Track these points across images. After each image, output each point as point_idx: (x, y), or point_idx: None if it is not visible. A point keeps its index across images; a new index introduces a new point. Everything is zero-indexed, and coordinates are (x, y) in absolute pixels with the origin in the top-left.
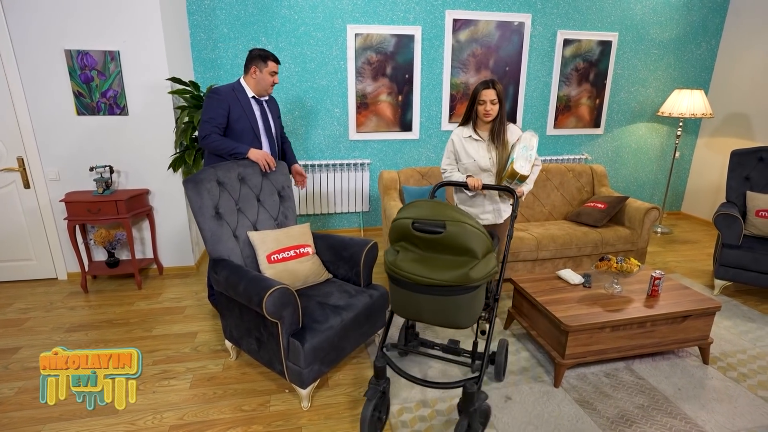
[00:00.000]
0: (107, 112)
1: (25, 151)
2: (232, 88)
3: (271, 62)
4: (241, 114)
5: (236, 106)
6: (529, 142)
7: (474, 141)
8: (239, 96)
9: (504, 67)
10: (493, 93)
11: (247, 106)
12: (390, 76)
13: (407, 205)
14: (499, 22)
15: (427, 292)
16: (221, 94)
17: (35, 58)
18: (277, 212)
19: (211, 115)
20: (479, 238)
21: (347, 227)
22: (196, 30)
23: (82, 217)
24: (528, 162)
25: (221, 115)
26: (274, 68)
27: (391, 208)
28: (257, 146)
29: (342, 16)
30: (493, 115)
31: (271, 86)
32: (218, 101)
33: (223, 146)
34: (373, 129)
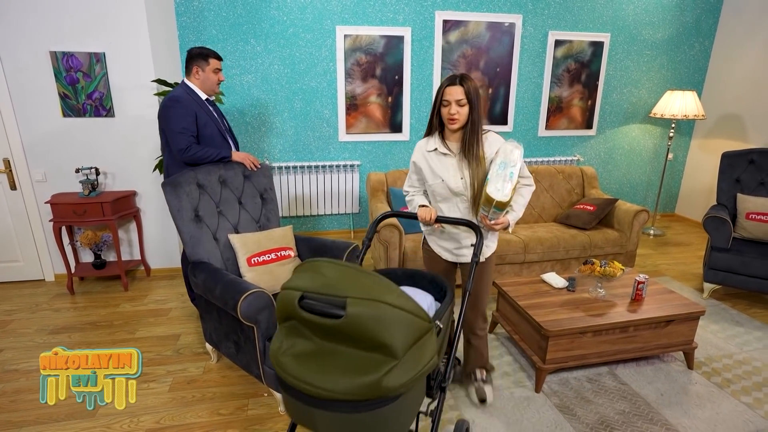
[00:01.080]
0: (93, 113)
1: (11, 152)
2: (186, 92)
3: (213, 59)
4: (206, 119)
5: (200, 111)
6: (509, 156)
7: (441, 156)
8: (197, 100)
9: (495, 68)
10: (459, 91)
11: (206, 110)
12: (380, 78)
13: (305, 264)
14: (489, 23)
15: (321, 406)
16: (183, 101)
17: (20, 59)
18: (259, 214)
19: (182, 125)
20: (402, 325)
21: (337, 229)
22: (184, 32)
23: (68, 219)
24: (507, 182)
25: (191, 123)
26: (217, 65)
27: (378, 210)
28: (229, 148)
29: (331, 17)
30: (461, 121)
31: (218, 84)
32: (185, 109)
33: (206, 155)
34: (362, 130)
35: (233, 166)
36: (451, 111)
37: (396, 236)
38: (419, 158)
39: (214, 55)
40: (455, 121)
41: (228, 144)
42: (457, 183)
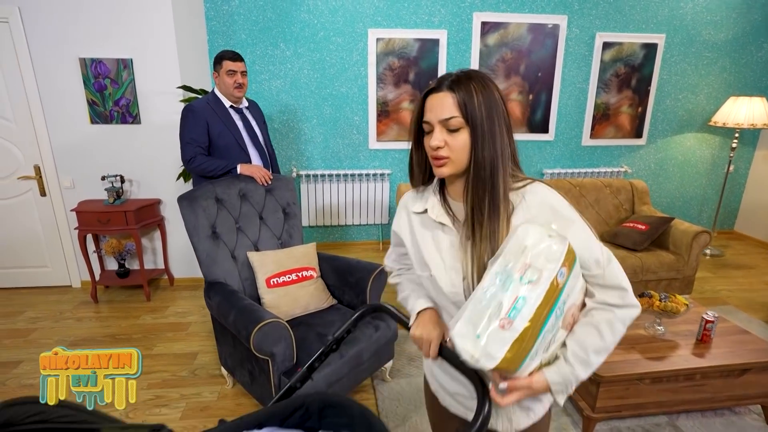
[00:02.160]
0: (120, 120)
1: (42, 159)
2: (206, 101)
3: (227, 61)
4: (222, 128)
5: (215, 120)
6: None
7: (434, 226)
8: (216, 108)
9: (536, 72)
10: (448, 103)
11: (226, 118)
12: (413, 83)
13: None
14: (531, 25)
15: None
16: (196, 110)
17: (51, 66)
18: (281, 231)
19: (191, 135)
20: None
21: (365, 239)
22: (214, 36)
23: (93, 227)
24: (497, 320)
25: (201, 133)
26: (230, 66)
27: None
28: (245, 160)
29: (363, 20)
30: (456, 163)
31: (236, 89)
32: (194, 119)
33: (211, 166)
34: (394, 138)
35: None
36: (433, 144)
37: None
38: (402, 224)
39: (229, 55)
40: (440, 160)
41: (246, 156)
42: (455, 283)
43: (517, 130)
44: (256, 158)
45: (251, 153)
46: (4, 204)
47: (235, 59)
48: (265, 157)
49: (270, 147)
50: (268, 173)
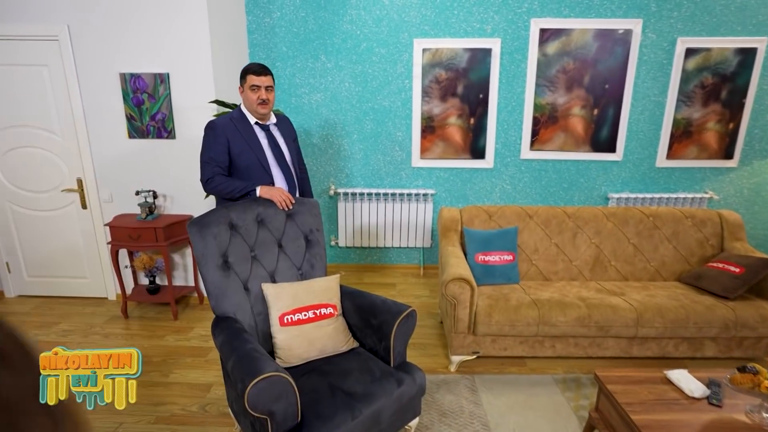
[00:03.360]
0: (155, 135)
1: (84, 172)
2: (230, 117)
3: (251, 75)
4: (243, 147)
5: (236, 138)
6: None
7: None
8: (239, 125)
9: (602, 84)
10: None
11: (249, 136)
12: (461, 96)
13: None
14: (598, 31)
15: None
16: (216, 127)
17: (95, 82)
18: (302, 260)
19: (210, 154)
20: None
21: (405, 263)
22: (255, 49)
23: (124, 242)
24: None
25: (221, 152)
26: (254, 81)
27: (449, 255)
28: (267, 181)
29: (408, 30)
30: None
31: (259, 105)
32: (214, 137)
33: (229, 188)
34: (439, 155)
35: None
36: None
37: (466, 292)
38: None
39: (254, 69)
40: None
41: (268, 177)
42: None
43: (578, 149)
44: (280, 180)
45: (275, 174)
46: (49, 215)
47: (260, 73)
48: (292, 178)
49: (300, 167)
50: (290, 197)
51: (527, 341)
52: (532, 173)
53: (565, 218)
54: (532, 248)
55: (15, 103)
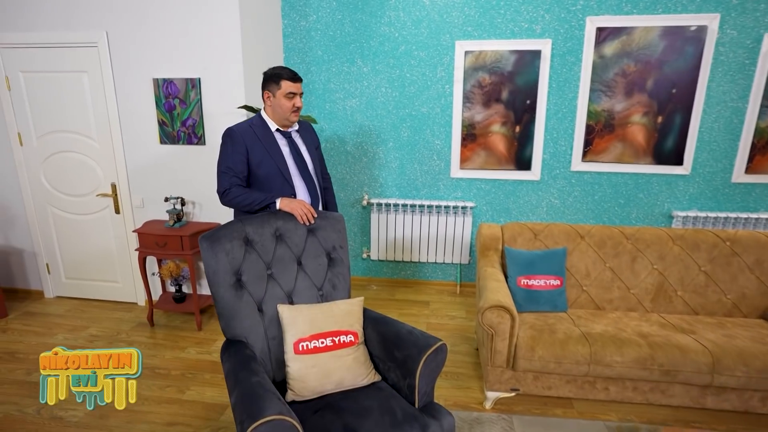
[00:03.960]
0: (186, 141)
1: (118, 177)
2: (249, 124)
3: (286, 81)
4: (263, 155)
5: (256, 146)
6: None
7: None
8: (258, 132)
9: (669, 89)
10: None
11: (270, 144)
12: (506, 102)
13: None
14: (665, 29)
15: None
16: (234, 134)
17: (130, 88)
18: (323, 280)
19: (227, 164)
20: None
21: (441, 279)
22: (290, 53)
23: (151, 250)
24: None
25: (239, 162)
26: (290, 88)
27: (487, 277)
28: (288, 193)
29: (450, 31)
30: None
31: (293, 113)
32: (232, 144)
33: (247, 200)
34: (480, 166)
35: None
36: None
37: (506, 322)
38: None
39: (289, 75)
40: None
41: (289, 188)
42: None
43: (638, 161)
44: (302, 191)
45: (297, 184)
46: (85, 219)
47: (296, 79)
48: (315, 189)
49: (323, 177)
50: (312, 210)
51: (575, 381)
52: (583, 187)
53: (622, 239)
54: (583, 272)
55: (58, 108)
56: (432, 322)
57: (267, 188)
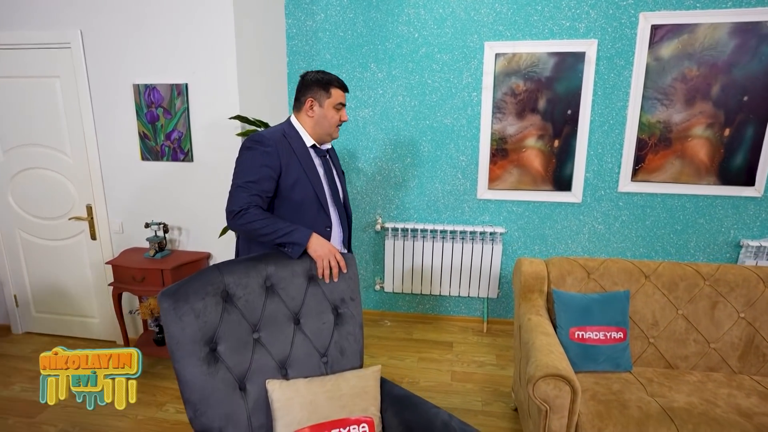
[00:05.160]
0: (171, 157)
1: (94, 198)
2: (282, 132)
3: (338, 90)
4: (299, 174)
5: (292, 161)
6: None
7: None
8: (294, 145)
9: (740, 96)
10: None
11: (307, 162)
12: (543, 113)
13: None
14: (735, 26)
15: None
16: (267, 142)
17: (107, 95)
18: (328, 343)
19: (251, 177)
20: None
21: (466, 315)
22: (295, 57)
23: (127, 285)
24: None
25: (267, 177)
26: (341, 98)
27: (533, 329)
28: (323, 225)
29: (478, 31)
30: None
31: (338, 127)
32: (265, 155)
33: (269, 228)
34: (512, 186)
35: (298, 262)
36: None
37: (565, 395)
38: None
39: (339, 83)
40: None
41: (326, 219)
42: None
43: (700, 181)
44: (336, 225)
45: (332, 215)
46: (58, 245)
47: (346, 89)
48: (345, 219)
49: (349, 207)
50: (341, 261)
51: None
52: (633, 210)
53: (698, 280)
54: (650, 321)
55: (26, 119)
56: (457, 371)
57: (299, 218)
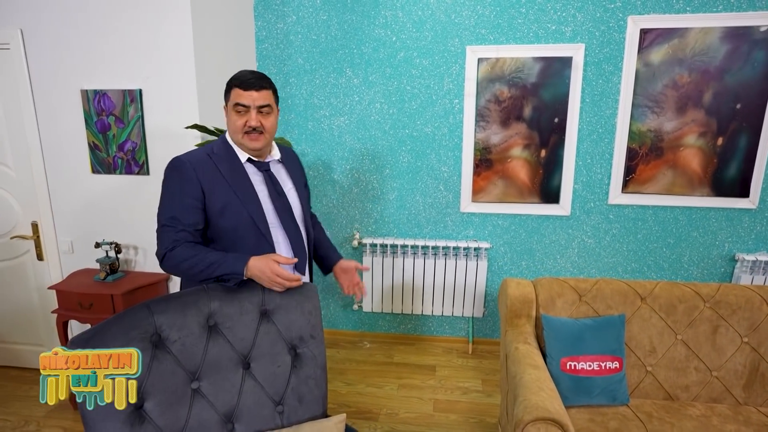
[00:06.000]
0: (124, 170)
1: (40, 215)
2: (208, 152)
3: (236, 89)
4: (227, 198)
5: (217, 185)
6: None
7: None
8: (222, 165)
9: (732, 104)
10: None
11: (239, 181)
12: (529, 120)
13: None
14: (728, 30)
15: None
16: (184, 169)
17: (52, 101)
18: (283, 390)
19: (171, 212)
20: None
21: (449, 335)
22: (265, 62)
23: (73, 312)
24: None
25: (191, 208)
26: (238, 98)
27: (521, 361)
28: (266, 251)
29: (459, 35)
30: None
31: (246, 135)
32: (180, 183)
33: (199, 265)
34: (497, 198)
35: (247, 295)
36: None
37: None
38: None
39: (242, 80)
40: None
41: (267, 246)
42: None
43: (693, 192)
44: (285, 248)
45: (278, 239)
46: (0, 267)
47: (250, 86)
48: (301, 244)
49: (311, 223)
50: (294, 277)
51: None
52: (623, 223)
53: (697, 302)
54: (647, 348)
55: None
56: (440, 399)
57: (234, 246)
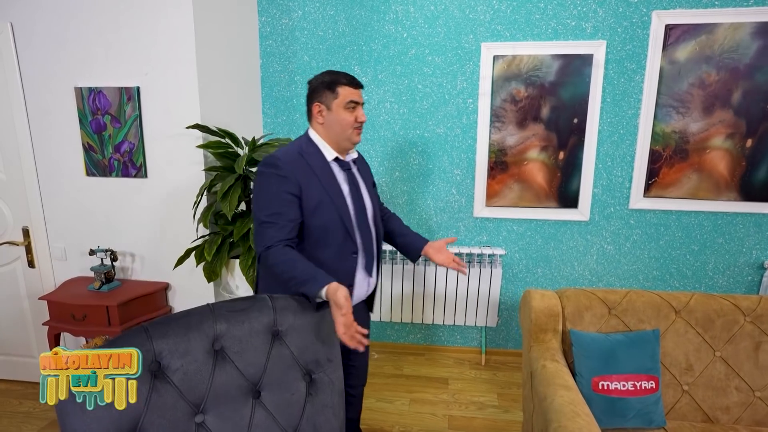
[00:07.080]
0: (121, 172)
1: (32, 220)
2: (298, 151)
3: (345, 87)
4: (321, 197)
5: (312, 183)
6: None
7: None
8: (312, 162)
9: (763, 104)
10: None
11: (329, 180)
12: (547, 121)
13: None
14: (758, 26)
15: None
16: (282, 167)
17: (44, 100)
18: (298, 421)
19: (273, 209)
20: None
21: (461, 345)
22: (269, 59)
23: (65, 324)
24: None
25: (290, 204)
26: (351, 95)
27: (550, 382)
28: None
29: (474, 31)
30: None
31: (355, 129)
32: (280, 182)
33: (286, 273)
34: (513, 202)
35: (256, 316)
36: None
37: None
38: None
39: (347, 79)
40: None
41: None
42: None
43: (719, 196)
44: (360, 250)
45: (356, 239)
46: None
47: (357, 84)
48: (371, 247)
49: (383, 212)
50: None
51: None
52: (645, 229)
53: (737, 315)
54: (683, 365)
55: None
56: (455, 415)
57: (323, 246)
